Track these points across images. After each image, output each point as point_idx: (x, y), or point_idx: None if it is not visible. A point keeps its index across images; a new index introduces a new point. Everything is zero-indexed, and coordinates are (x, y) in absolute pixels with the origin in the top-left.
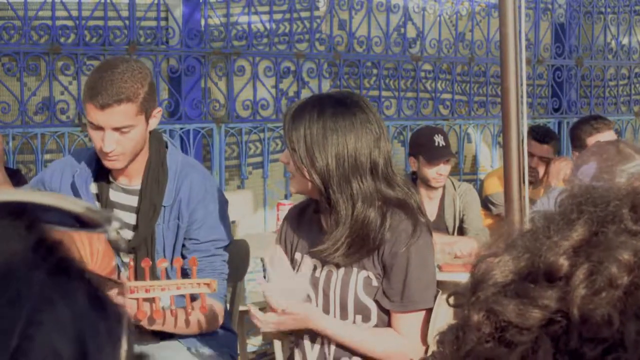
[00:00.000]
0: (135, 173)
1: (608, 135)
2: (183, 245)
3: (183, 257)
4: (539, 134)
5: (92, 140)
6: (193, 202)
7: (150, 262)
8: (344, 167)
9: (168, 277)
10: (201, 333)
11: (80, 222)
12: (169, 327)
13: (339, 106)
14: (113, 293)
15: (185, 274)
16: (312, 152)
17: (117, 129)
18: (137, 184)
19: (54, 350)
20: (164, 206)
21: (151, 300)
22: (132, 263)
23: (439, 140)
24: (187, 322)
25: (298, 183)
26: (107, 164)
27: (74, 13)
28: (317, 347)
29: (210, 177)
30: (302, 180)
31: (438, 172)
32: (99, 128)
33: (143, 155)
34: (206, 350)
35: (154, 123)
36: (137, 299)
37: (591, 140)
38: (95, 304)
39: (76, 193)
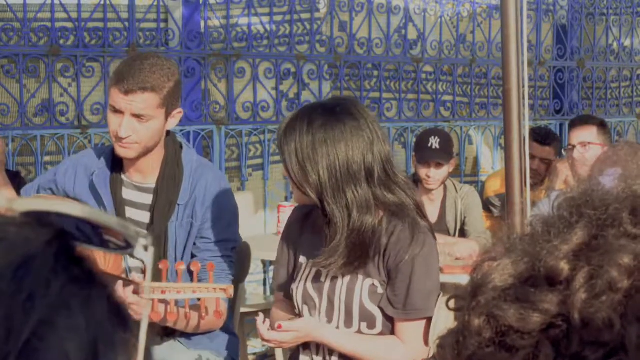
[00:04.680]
0: (150, 170)
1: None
2: (194, 244)
3: (192, 256)
4: (540, 136)
5: (108, 125)
6: (208, 201)
7: (168, 264)
8: (337, 177)
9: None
10: (203, 332)
11: (104, 234)
12: (180, 327)
13: (328, 116)
14: (129, 291)
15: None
16: (304, 166)
17: (136, 116)
18: (151, 182)
19: (63, 352)
20: (179, 204)
21: (166, 302)
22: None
23: (433, 142)
24: (199, 325)
25: (298, 195)
26: (120, 151)
27: (74, 15)
28: (319, 358)
29: (224, 178)
30: (300, 192)
31: (427, 174)
32: (119, 112)
33: (159, 153)
34: (207, 352)
35: (172, 123)
36: (152, 300)
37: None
38: (113, 316)
39: (95, 193)
